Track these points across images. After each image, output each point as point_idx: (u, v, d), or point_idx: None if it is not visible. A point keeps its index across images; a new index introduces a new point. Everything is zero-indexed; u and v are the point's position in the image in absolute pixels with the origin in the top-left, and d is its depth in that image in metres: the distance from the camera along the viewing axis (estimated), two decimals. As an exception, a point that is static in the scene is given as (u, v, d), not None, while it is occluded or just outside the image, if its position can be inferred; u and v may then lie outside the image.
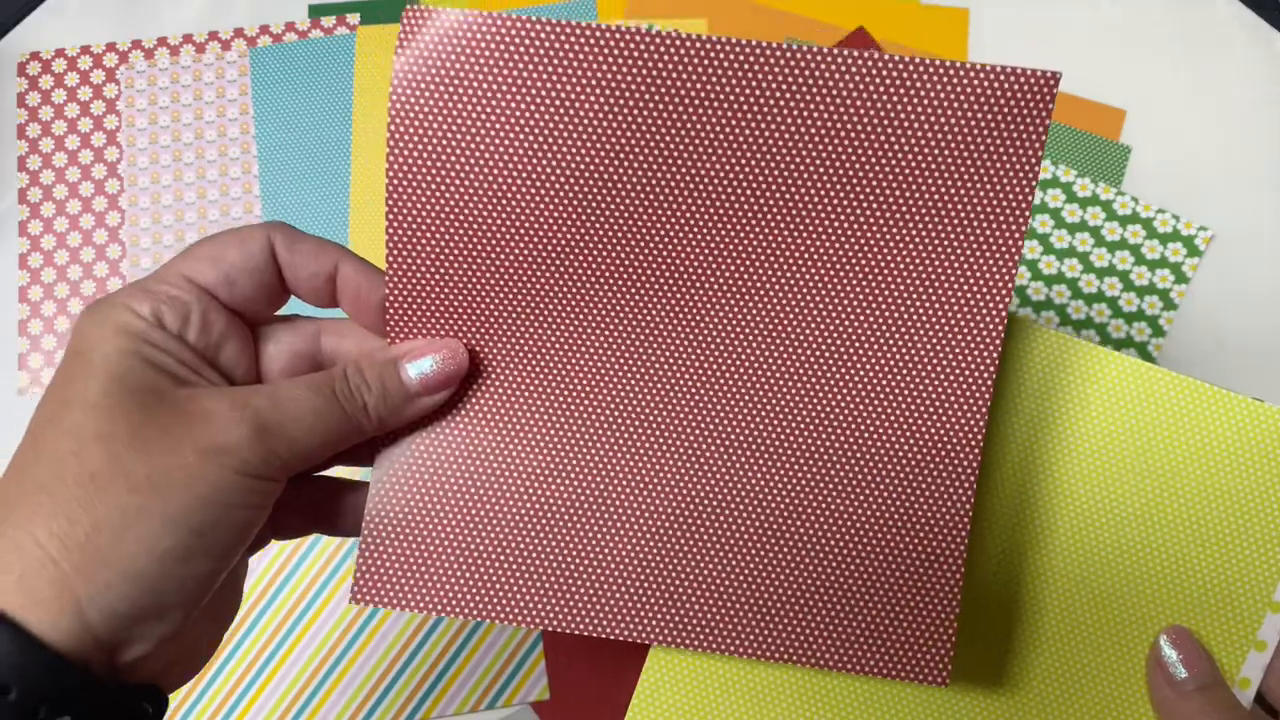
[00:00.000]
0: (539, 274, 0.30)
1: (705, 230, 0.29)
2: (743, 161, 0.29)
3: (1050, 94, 0.28)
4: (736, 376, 0.31)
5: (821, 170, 0.29)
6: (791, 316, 0.30)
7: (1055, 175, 0.52)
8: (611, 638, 0.31)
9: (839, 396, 0.31)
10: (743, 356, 0.31)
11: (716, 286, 0.30)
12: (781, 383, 0.31)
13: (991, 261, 0.29)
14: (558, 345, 0.31)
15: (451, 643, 0.49)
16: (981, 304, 0.30)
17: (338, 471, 0.33)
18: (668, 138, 0.29)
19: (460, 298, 0.30)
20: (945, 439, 0.30)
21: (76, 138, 0.56)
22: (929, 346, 0.30)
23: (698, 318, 0.30)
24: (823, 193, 0.29)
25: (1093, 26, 0.56)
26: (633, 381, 0.31)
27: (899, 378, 0.30)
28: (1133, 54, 0.55)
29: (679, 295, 0.30)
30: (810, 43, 0.31)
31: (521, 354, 0.31)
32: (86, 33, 0.58)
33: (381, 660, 0.49)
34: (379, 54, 0.56)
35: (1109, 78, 0.55)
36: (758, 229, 0.30)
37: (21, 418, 0.53)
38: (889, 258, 0.30)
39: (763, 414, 0.31)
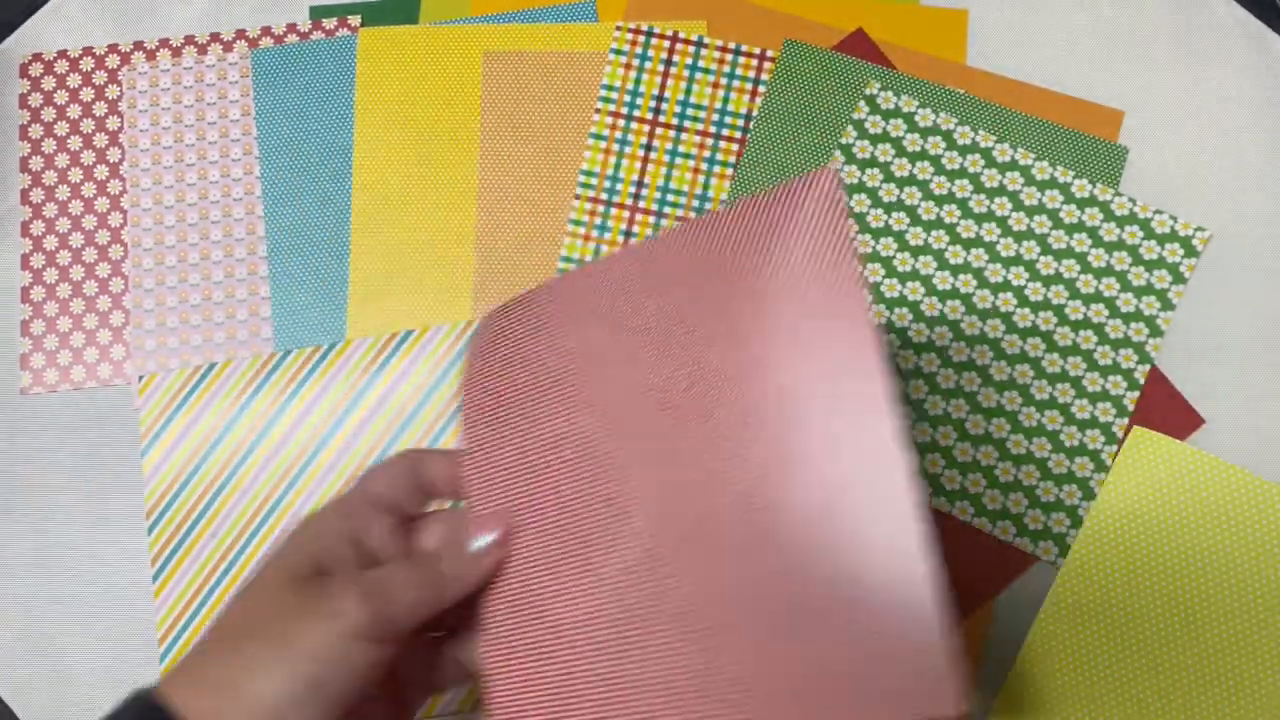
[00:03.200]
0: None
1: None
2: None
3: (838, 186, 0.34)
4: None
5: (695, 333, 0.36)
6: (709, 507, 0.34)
7: (1053, 176, 0.53)
8: None
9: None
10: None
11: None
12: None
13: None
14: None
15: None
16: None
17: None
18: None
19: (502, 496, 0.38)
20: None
21: (79, 139, 0.56)
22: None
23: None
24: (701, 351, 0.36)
25: (1091, 28, 0.56)
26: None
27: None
28: (1131, 55, 0.56)
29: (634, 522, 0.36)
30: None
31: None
32: (89, 34, 0.58)
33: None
34: (380, 56, 0.56)
35: (1107, 79, 0.55)
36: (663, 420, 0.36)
37: (23, 418, 0.53)
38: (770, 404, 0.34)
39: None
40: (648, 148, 0.54)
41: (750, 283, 0.35)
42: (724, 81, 0.55)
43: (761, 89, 0.55)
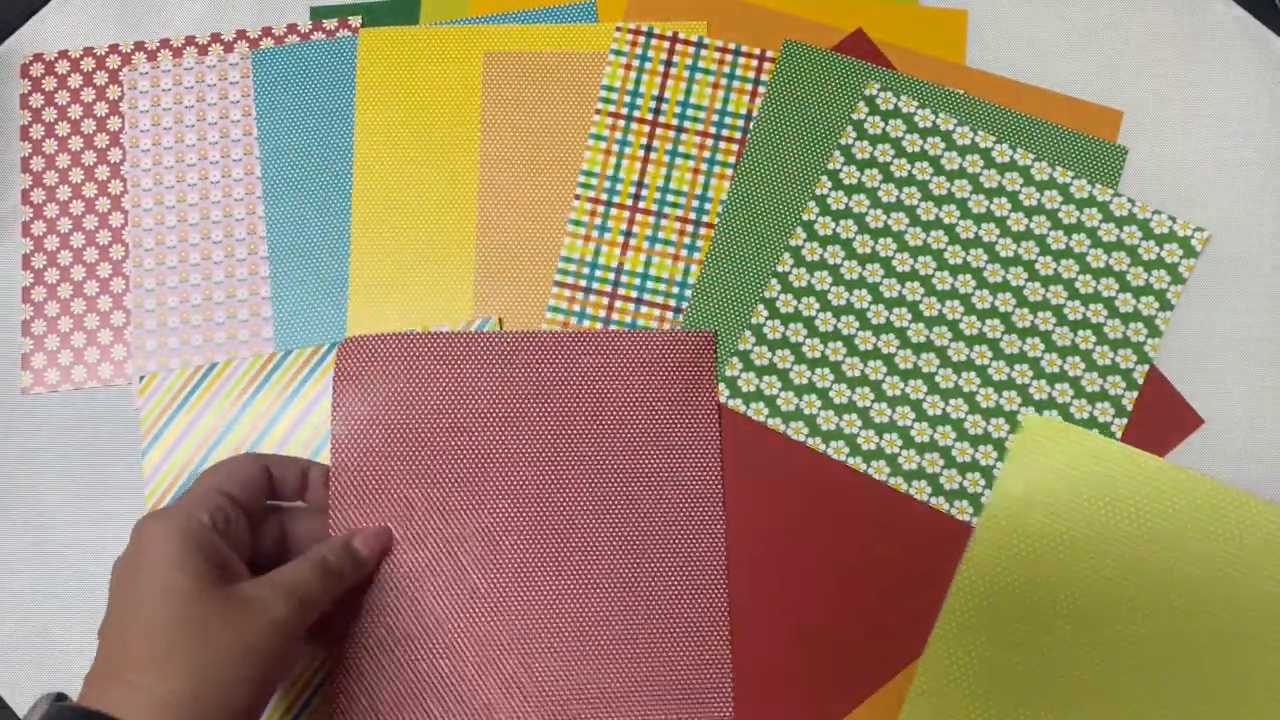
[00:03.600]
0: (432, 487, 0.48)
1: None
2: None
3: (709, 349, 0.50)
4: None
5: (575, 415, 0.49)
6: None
7: (1052, 176, 0.53)
8: None
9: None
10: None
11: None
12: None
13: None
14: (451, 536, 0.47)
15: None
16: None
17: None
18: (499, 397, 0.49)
19: (379, 499, 0.47)
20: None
21: (80, 139, 0.56)
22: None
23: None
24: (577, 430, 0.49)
25: (1090, 28, 0.56)
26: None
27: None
28: (1130, 55, 0.56)
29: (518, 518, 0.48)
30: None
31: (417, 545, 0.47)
32: (90, 34, 0.58)
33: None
34: (381, 56, 0.56)
35: (1106, 79, 0.55)
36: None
37: (23, 418, 0.53)
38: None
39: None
40: (648, 148, 0.54)
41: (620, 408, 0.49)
42: (724, 82, 0.55)
43: (761, 89, 0.55)
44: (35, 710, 0.34)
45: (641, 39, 0.55)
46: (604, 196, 0.54)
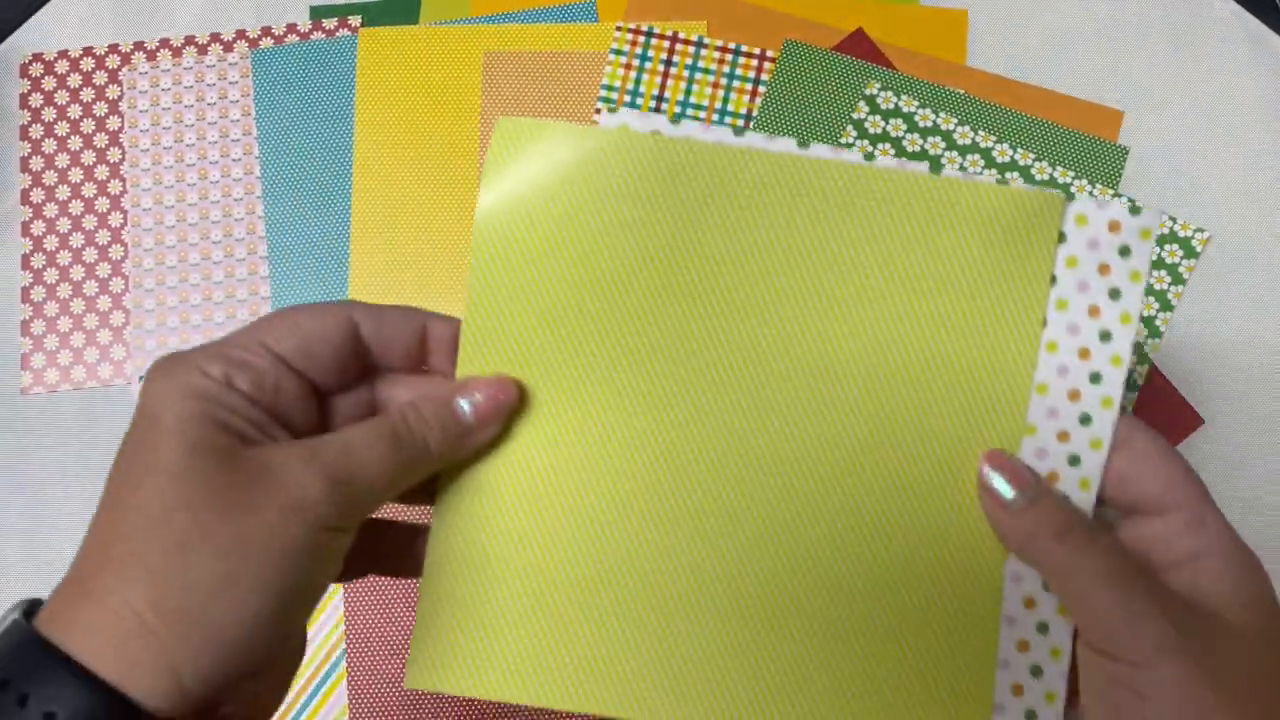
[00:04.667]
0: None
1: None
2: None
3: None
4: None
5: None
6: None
7: (1053, 177, 0.53)
8: None
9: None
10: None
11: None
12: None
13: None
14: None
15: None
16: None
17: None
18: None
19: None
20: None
21: (79, 139, 0.56)
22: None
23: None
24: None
25: (1091, 28, 0.56)
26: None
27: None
28: (1131, 55, 0.56)
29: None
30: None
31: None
32: (89, 34, 0.58)
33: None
34: (380, 56, 0.56)
35: (1107, 79, 0.55)
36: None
37: (24, 418, 0.53)
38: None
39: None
40: (648, 148, 0.54)
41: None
42: (724, 82, 0.55)
43: (761, 89, 0.55)
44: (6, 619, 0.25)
45: (641, 39, 0.55)
46: (604, 196, 0.54)
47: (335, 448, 0.27)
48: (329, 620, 0.49)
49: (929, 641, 0.31)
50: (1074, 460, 0.31)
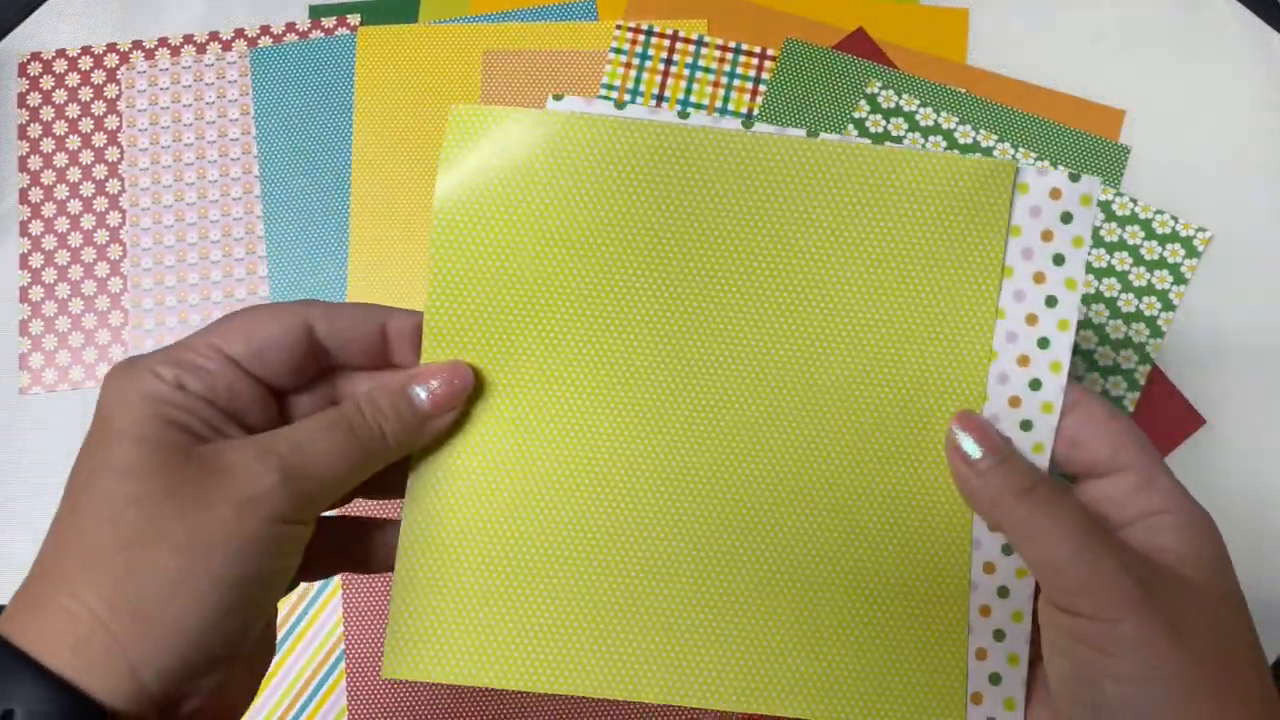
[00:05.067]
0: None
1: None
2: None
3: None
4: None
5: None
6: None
7: (1054, 176, 0.53)
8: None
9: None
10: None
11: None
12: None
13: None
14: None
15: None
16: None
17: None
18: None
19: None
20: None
21: (77, 138, 0.56)
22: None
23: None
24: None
25: (1092, 27, 0.56)
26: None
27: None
28: (1132, 54, 0.55)
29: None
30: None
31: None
32: (88, 33, 0.58)
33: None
34: (380, 55, 0.56)
35: (1108, 78, 0.55)
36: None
37: (23, 418, 0.53)
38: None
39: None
40: (648, 147, 0.54)
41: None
42: (724, 80, 0.55)
43: (762, 88, 0.55)
44: None
45: (641, 37, 0.55)
46: (604, 196, 0.54)
47: (288, 441, 0.27)
48: (329, 620, 0.49)
49: (899, 612, 0.32)
50: (1026, 425, 0.31)
